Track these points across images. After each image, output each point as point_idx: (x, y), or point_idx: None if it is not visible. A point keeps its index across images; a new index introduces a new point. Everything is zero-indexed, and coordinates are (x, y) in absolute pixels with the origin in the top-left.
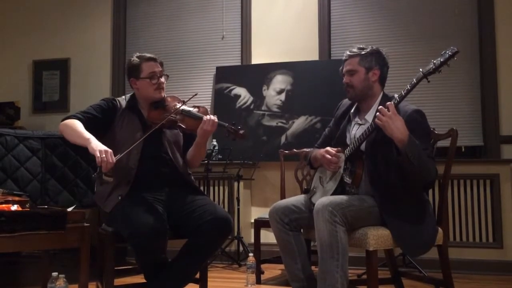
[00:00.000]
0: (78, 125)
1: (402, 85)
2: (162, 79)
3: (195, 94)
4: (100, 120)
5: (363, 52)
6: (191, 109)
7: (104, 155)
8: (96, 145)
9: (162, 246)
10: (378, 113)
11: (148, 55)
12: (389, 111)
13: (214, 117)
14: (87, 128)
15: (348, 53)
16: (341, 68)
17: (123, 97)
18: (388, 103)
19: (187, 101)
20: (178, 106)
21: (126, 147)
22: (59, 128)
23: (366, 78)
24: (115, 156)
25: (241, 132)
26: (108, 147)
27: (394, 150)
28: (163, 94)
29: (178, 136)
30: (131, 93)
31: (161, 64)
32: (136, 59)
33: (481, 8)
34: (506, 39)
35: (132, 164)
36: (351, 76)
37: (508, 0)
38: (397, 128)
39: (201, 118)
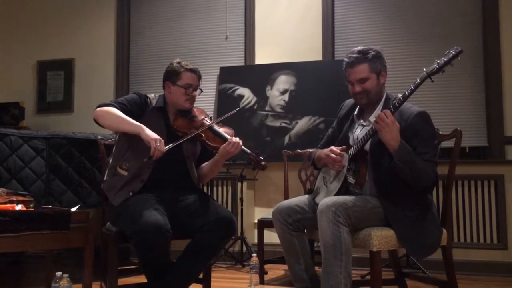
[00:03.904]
0: (120, 112)
1: (406, 85)
2: (196, 93)
3: (236, 110)
4: (131, 114)
5: (370, 57)
6: (218, 128)
7: (159, 144)
8: (151, 133)
9: (165, 246)
10: (377, 117)
11: (191, 66)
12: (387, 118)
13: (239, 141)
14: None
15: (352, 59)
16: (347, 75)
17: (153, 95)
18: (385, 110)
19: (221, 119)
20: (207, 122)
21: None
22: (95, 114)
23: (378, 83)
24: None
25: (263, 163)
26: (130, 141)
27: (387, 156)
28: (192, 106)
29: (197, 148)
30: (162, 94)
31: (200, 78)
32: (179, 65)
33: (485, 9)
34: (510, 39)
35: (148, 164)
36: (364, 83)
37: None
38: (391, 137)
39: (226, 139)
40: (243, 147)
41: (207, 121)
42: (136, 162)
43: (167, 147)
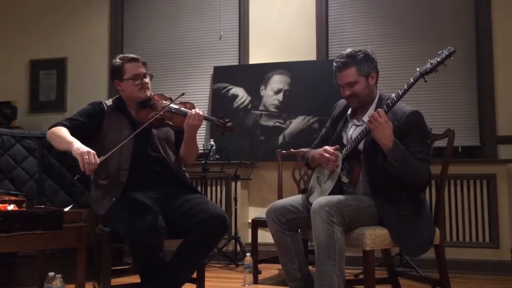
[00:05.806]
0: (62, 130)
1: (400, 85)
2: (146, 79)
3: (183, 94)
4: (87, 126)
5: (358, 60)
6: (177, 106)
7: (87, 157)
8: (78, 147)
9: (159, 244)
10: (370, 117)
11: (131, 55)
12: (380, 118)
13: (199, 111)
14: (75, 134)
15: (340, 63)
16: (335, 79)
17: (110, 100)
18: (379, 109)
19: (175, 99)
20: (164, 104)
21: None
22: (47, 137)
23: (367, 85)
24: (99, 157)
25: (229, 124)
26: (99, 150)
27: (381, 155)
28: (149, 93)
29: (169, 133)
30: (118, 96)
31: (144, 64)
32: (119, 60)
33: (478, 9)
34: (502, 39)
35: (124, 165)
36: (352, 87)
37: (504, 1)
38: (385, 136)
39: (186, 114)
40: (205, 115)
41: (166, 104)
42: (110, 169)
43: (101, 158)
